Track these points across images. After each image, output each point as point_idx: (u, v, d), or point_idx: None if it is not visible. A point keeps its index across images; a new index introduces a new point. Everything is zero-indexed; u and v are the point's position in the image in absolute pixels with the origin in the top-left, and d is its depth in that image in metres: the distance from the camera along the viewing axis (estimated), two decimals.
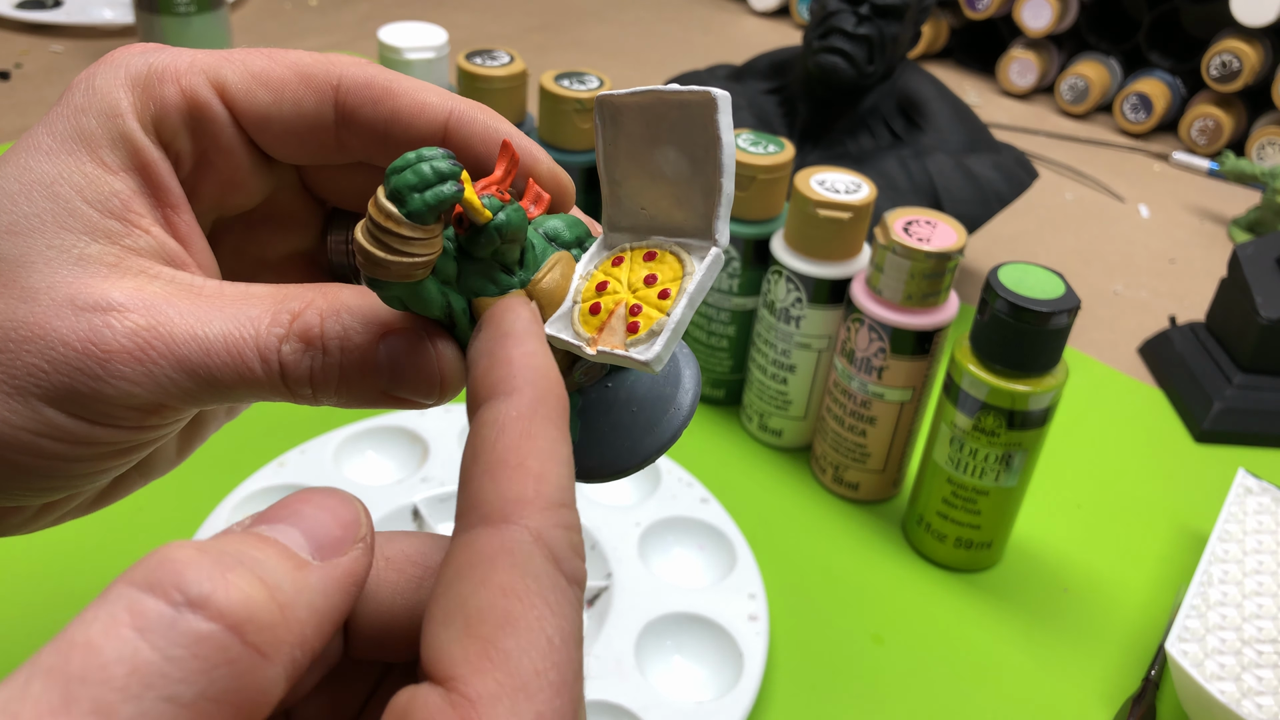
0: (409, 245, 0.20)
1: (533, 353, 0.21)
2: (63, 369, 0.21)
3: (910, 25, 0.68)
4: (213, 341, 0.22)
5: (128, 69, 0.23)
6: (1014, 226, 0.86)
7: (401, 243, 0.20)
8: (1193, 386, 0.66)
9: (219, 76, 0.24)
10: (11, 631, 0.44)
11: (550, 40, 1.14)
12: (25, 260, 0.22)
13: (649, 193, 0.22)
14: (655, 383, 0.24)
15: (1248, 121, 1.05)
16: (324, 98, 0.24)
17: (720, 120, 0.20)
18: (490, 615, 0.18)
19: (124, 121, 0.23)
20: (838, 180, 0.53)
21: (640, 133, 0.22)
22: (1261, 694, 0.43)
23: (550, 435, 0.20)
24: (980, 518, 0.50)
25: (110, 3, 1.04)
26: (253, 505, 0.49)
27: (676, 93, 0.21)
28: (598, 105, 0.22)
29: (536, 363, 0.21)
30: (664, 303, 0.21)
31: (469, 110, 0.24)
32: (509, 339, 0.21)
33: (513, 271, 0.22)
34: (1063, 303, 0.45)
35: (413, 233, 0.20)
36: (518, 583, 0.18)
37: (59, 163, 0.22)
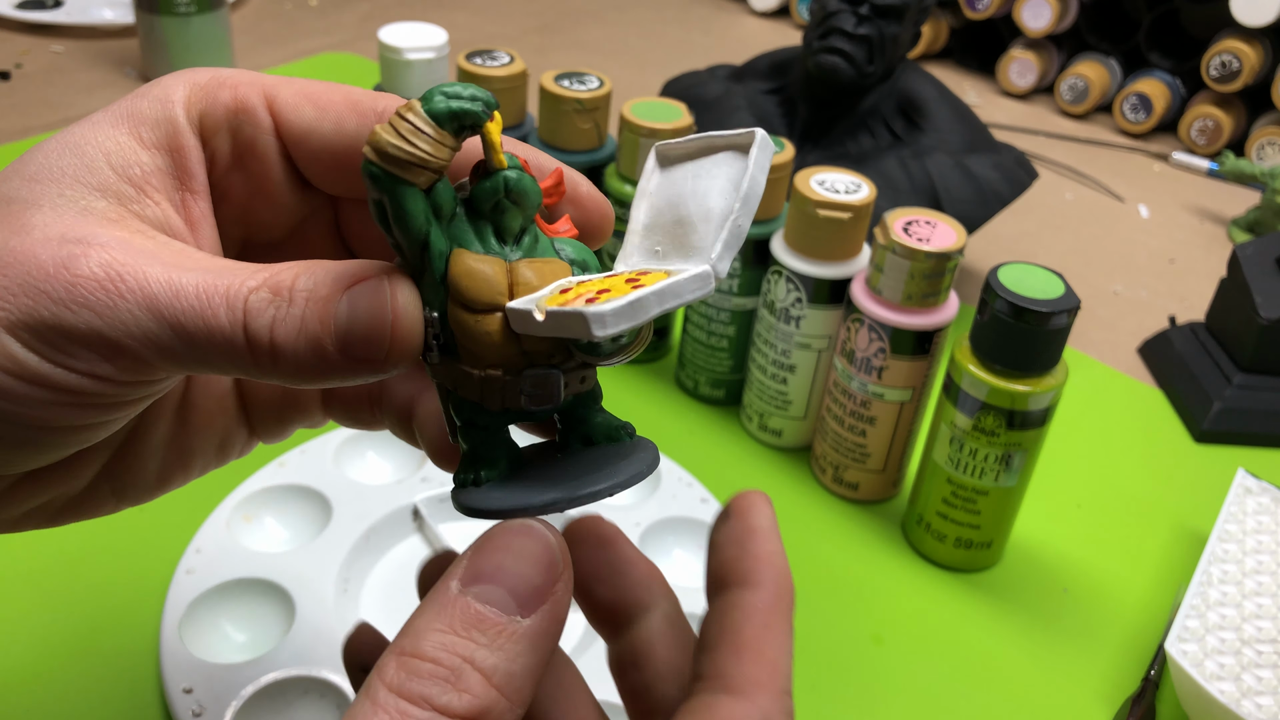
0: (415, 138, 0.20)
1: (776, 553, 0.25)
2: (30, 291, 0.21)
3: (910, 25, 0.68)
4: (184, 286, 0.21)
5: (195, 75, 0.25)
6: (1014, 226, 0.86)
7: (411, 132, 0.20)
8: (1193, 386, 0.66)
9: (273, 90, 0.25)
10: (12, 631, 0.44)
11: (550, 40, 1.14)
12: (34, 202, 0.22)
13: (669, 234, 0.23)
14: (604, 456, 0.24)
15: (1247, 122, 1.05)
16: (365, 123, 0.25)
17: (754, 153, 0.21)
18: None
19: (172, 108, 0.24)
20: (838, 180, 0.53)
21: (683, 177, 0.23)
22: (1261, 694, 0.43)
23: (784, 629, 0.24)
24: (980, 518, 0.50)
25: (110, 3, 1.04)
26: (253, 505, 0.49)
27: (726, 136, 0.22)
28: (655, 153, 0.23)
29: (779, 563, 0.25)
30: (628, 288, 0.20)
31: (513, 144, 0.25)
32: (757, 535, 0.25)
33: (505, 242, 0.22)
34: (1063, 303, 0.45)
35: (425, 126, 0.21)
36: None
37: (99, 130, 0.23)
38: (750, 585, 0.24)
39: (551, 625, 0.21)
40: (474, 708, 0.20)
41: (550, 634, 0.21)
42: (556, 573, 0.21)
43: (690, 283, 0.20)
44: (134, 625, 0.44)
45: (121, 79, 0.93)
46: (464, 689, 0.20)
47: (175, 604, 0.43)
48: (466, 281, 0.22)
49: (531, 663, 0.21)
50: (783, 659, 0.23)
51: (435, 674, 0.20)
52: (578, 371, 0.23)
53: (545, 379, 0.22)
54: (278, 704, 0.41)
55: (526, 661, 0.21)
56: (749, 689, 0.23)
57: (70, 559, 0.47)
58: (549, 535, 0.22)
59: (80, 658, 0.43)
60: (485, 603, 0.21)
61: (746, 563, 0.25)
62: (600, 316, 0.19)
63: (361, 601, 0.46)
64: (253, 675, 0.41)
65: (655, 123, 0.57)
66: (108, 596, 0.46)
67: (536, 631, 0.21)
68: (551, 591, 0.21)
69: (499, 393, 0.22)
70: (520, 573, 0.21)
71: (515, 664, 0.21)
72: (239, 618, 0.44)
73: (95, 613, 0.45)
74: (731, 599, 0.24)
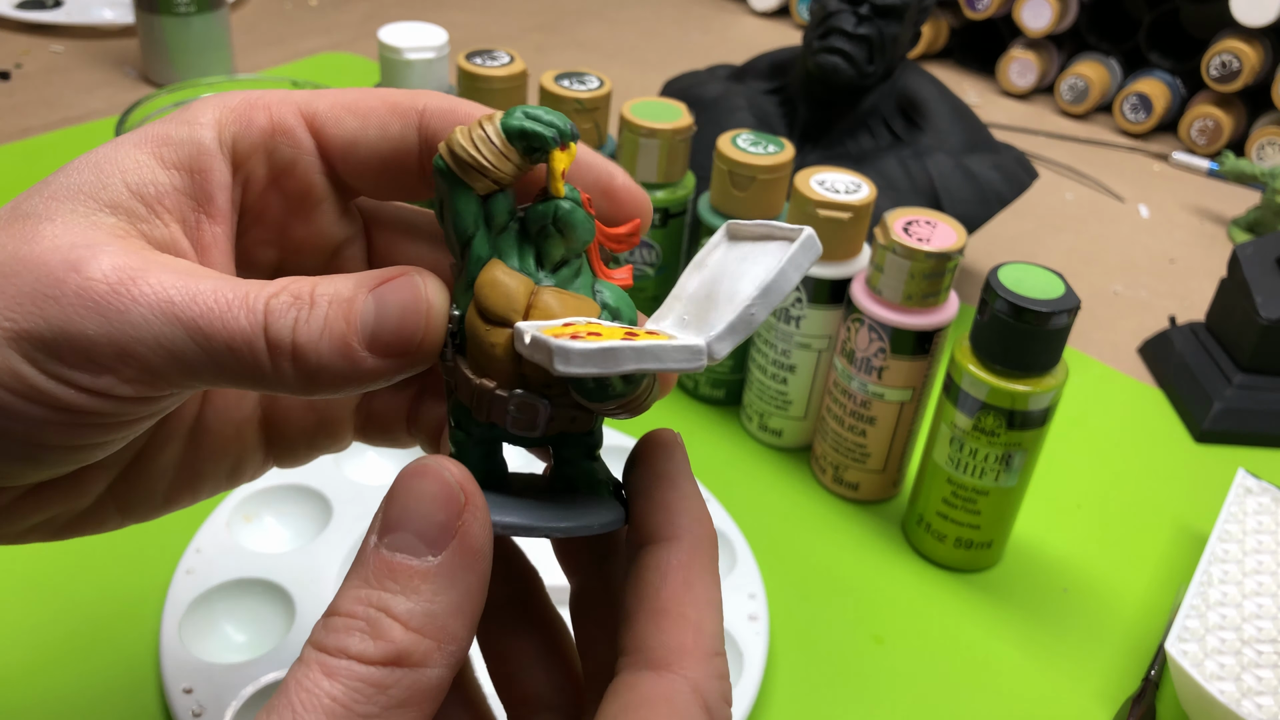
0: (484, 145, 0.22)
1: (688, 495, 0.23)
2: (36, 298, 0.20)
3: (910, 25, 0.68)
4: (201, 291, 0.21)
5: (227, 98, 0.24)
6: (1014, 226, 0.86)
7: (481, 140, 0.22)
8: (1193, 386, 0.66)
9: (310, 107, 0.25)
10: (12, 631, 0.44)
11: (550, 40, 1.14)
12: (47, 215, 0.22)
13: (699, 306, 0.23)
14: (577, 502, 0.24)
15: (1247, 121, 1.05)
16: (409, 123, 0.24)
17: (791, 249, 0.21)
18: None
19: (200, 130, 0.24)
20: (838, 180, 0.53)
21: (736, 257, 0.23)
22: (1261, 694, 0.43)
23: (706, 583, 0.23)
24: (980, 518, 0.50)
25: (110, 3, 1.04)
26: (253, 505, 0.49)
27: (785, 228, 0.22)
28: (725, 229, 0.23)
29: (690, 508, 0.23)
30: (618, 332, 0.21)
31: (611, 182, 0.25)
32: (663, 481, 0.23)
33: (542, 267, 0.23)
34: (1063, 303, 0.45)
35: (494, 138, 0.22)
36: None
37: (121, 148, 0.23)
38: (663, 539, 0.23)
39: (465, 558, 0.21)
40: (389, 652, 0.20)
41: (466, 566, 0.21)
42: (458, 506, 0.21)
43: (677, 351, 0.20)
44: (134, 625, 0.44)
45: (121, 79, 0.93)
46: (379, 636, 0.20)
47: (175, 604, 0.43)
48: (488, 290, 0.22)
49: (453, 599, 0.21)
50: (707, 619, 0.22)
51: (350, 626, 0.20)
52: (569, 410, 0.23)
53: (528, 404, 0.22)
54: None
55: (447, 599, 0.21)
56: (674, 659, 0.22)
57: (71, 559, 0.47)
58: (444, 471, 0.21)
59: (80, 658, 0.43)
60: (396, 550, 0.21)
61: (656, 515, 0.23)
62: (566, 352, 0.19)
63: None
64: (253, 675, 0.41)
65: (655, 123, 0.57)
66: (108, 596, 0.46)
67: (450, 567, 0.21)
68: (457, 525, 0.21)
69: (487, 405, 0.22)
70: (422, 513, 0.21)
71: (434, 603, 0.20)
72: (239, 618, 0.44)
73: (95, 613, 0.45)
74: (645, 559, 0.23)
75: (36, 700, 0.41)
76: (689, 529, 0.23)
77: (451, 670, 0.21)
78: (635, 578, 0.23)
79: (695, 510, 0.23)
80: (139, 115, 0.67)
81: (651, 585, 0.22)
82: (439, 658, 0.21)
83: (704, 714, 0.21)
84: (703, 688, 0.21)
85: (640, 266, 0.60)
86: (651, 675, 0.21)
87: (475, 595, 0.21)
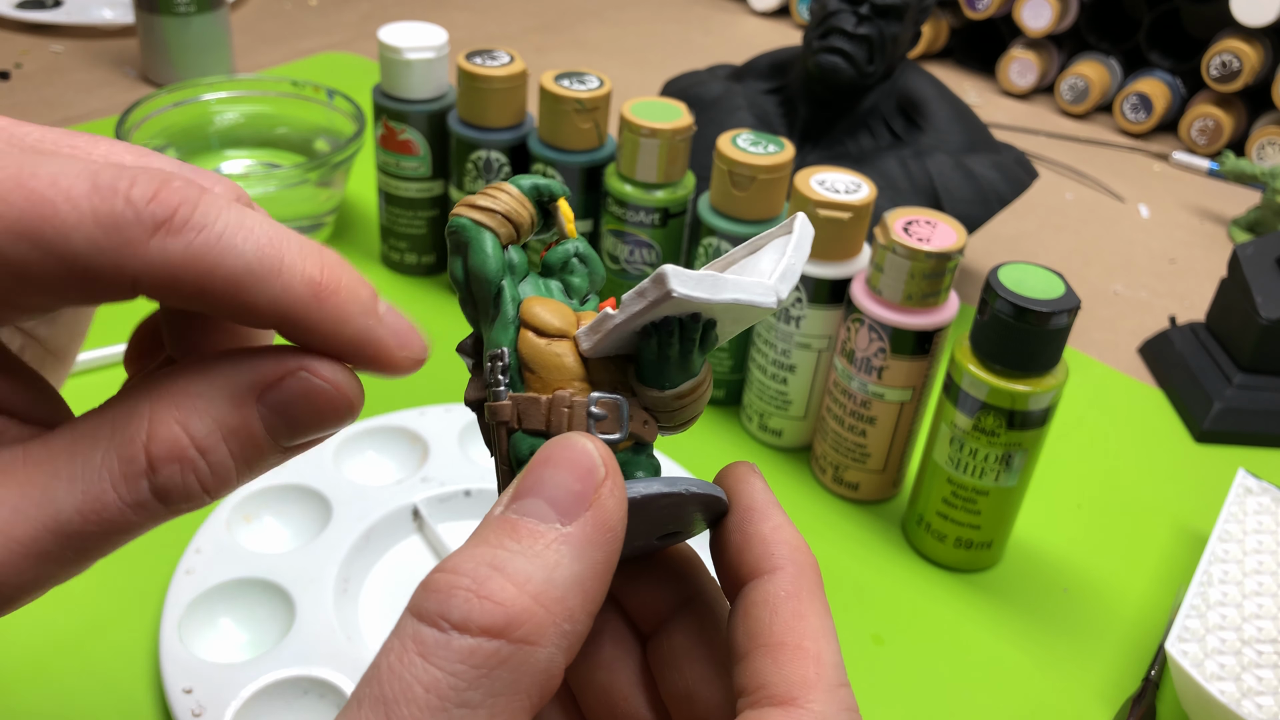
0: (497, 192, 0.24)
1: (780, 526, 0.22)
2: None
3: (910, 25, 0.68)
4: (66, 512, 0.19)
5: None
6: (1014, 226, 0.86)
7: (495, 189, 0.24)
8: (1193, 386, 0.66)
9: None
10: (12, 631, 0.44)
11: (550, 40, 1.14)
12: None
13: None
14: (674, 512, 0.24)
15: (1248, 121, 1.05)
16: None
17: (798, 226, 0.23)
18: None
19: None
20: (838, 180, 0.53)
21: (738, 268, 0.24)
22: (1261, 694, 0.43)
23: (818, 611, 0.21)
24: (980, 518, 0.50)
25: (110, 3, 1.04)
26: (253, 505, 0.49)
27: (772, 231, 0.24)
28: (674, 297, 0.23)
29: (787, 536, 0.22)
30: None
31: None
32: (754, 513, 0.22)
33: (570, 298, 0.25)
34: (1063, 303, 0.45)
35: (510, 189, 0.24)
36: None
37: None
38: (765, 572, 0.22)
39: (597, 532, 0.19)
40: (499, 618, 0.18)
41: (596, 542, 0.19)
42: (598, 478, 0.20)
43: (756, 286, 0.22)
44: (134, 625, 0.44)
45: (121, 79, 0.93)
46: (487, 596, 0.18)
47: (175, 604, 0.43)
48: (541, 309, 0.23)
49: (577, 572, 0.19)
50: (826, 648, 0.21)
51: (455, 585, 0.18)
52: (640, 412, 0.23)
53: (609, 402, 0.23)
54: (277, 704, 0.41)
55: (570, 570, 0.19)
56: (798, 693, 0.20)
57: None
58: (588, 442, 0.20)
59: (80, 658, 0.43)
60: (524, 514, 0.19)
61: (754, 549, 0.22)
62: (678, 274, 0.20)
63: (361, 601, 0.46)
64: (253, 675, 0.41)
65: (655, 123, 0.57)
66: (108, 596, 0.46)
67: (579, 538, 0.19)
68: (595, 496, 0.20)
69: (566, 415, 0.22)
70: (558, 481, 0.20)
71: (556, 572, 0.19)
72: (239, 618, 0.44)
73: (95, 613, 0.45)
74: (750, 595, 0.22)
75: (36, 700, 0.41)
76: (790, 558, 0.22)
77: (565, 658, 0.19)
78: (743, 615, 0.22)
79: (792, 539, 0.22)
80: (139, 115, 0.67)
81: (762, 620, 0.21)
82: (553, 636, 0.18)
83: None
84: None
85: (639, 267, 0.60)
86: (777, 713, 0.20)
87: (601, 575, 0.20)
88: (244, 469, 0.20)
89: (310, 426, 0.21)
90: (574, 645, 0.19)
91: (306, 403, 0.20)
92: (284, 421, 0.20)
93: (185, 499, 0.20)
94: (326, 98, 0.72)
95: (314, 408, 0.20)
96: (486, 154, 0.63)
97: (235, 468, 0.20)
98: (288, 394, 0.20)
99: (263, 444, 0.20)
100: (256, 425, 0.20)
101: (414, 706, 0.17)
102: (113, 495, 0.19)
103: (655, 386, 0.23)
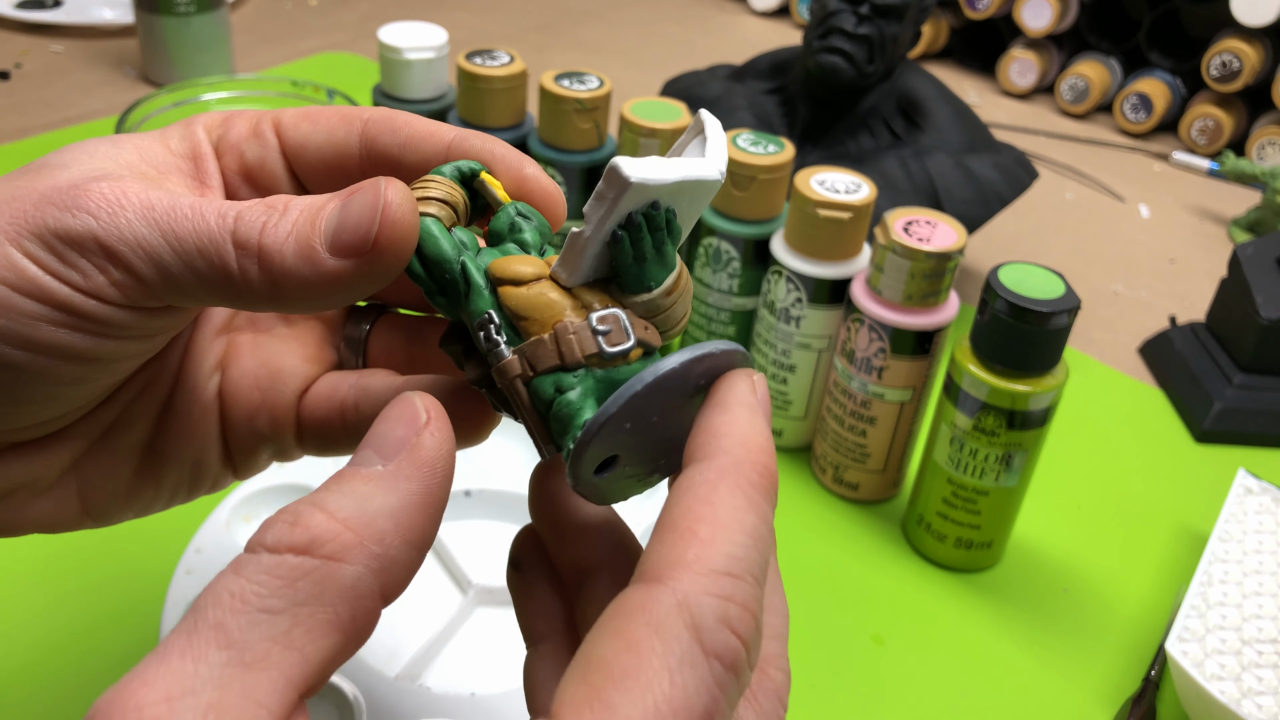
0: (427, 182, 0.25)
1: (735, 419, 0.21)
2: (40, 204, 0.22)
3: (910, 25, 0.68)
4: (182, 201, 0.23)
5: (212, 114, 0.28)
6: (1014, 226, 0.86)
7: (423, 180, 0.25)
8: (1193, 386, 0.66)
9: (278, 115, 0.27)
10: (12, 631, 0.44)
11: (550, 40, 1.14)
12: (64, 165, 0.24)
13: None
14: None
15: (1248, 121, 1.05)
16: (352, 129, 0.27)
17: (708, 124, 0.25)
18: (607, 666, 0.18)
19: (196, 129, 0.27)
20: (838, 180, 0.53)
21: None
22: (1261, 694, 0.43)
23: (734, 504, 0.20)
24: (980, 518, 0.50)
25: (110, 3, 1.04)
26: (253, 505, 0.49)
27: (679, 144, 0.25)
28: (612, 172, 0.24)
29: (735, 429, 0.21)
30: None
31: (468, 134, 0.27)
32: (717, 408, 0.21)
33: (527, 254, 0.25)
34: (1063, 303, 0.45)
35: (432, 178, 0.25)
36: (644, 641, 0.18)
37: (135, 136, 0.26)
38: (696, 460, 0.21)
39: (413, 468, 0.21)
40: (304, 538, 0.19)
41: (411, 476, 0.21)
42: (418, 425, 0.21)
43: (699, 163, 0.23)
44: (134, 625, 0.44)
45: (121, 79, 0.93)
46: (297, 523, 0.20)
47: (175, 604, 0.43)
48: (511, 264, 0.24)
49: (389, 502, 0.20)
50: (723, 535, 0.19)
51: (277, 519, 0.20)
52: (638, 320, 0.24)
53: (608, 316, 0.23)
54: None
55: (382, 500, 0.20)
56: (664, 572, 0.19)
57: (70, 559, 0.47)
58: (415, 397, 0.22)
59: (80, 658, 0.43)
60: (353, 464, 0.21)
61: (697, 438, 0.21)
62: (631, 162, 0.22)
63: None
64: None
65: (655, 123, 0.57)
66: (108, 596, 0.46)
67: (394, 473, 0.21)
68: (413, 440, 0.21)
69: (575, 343, 0.23)
70: (384, 431, 0.21)
71: (368, 503, 0.20)
72: None
73: (95, 613, 0.45)
74: (675, 481, 0.21)
75: (36, 700, 0.41)
76: (726, 449, 0.20)
77: (375, 577, 0.20)
78: (664, 504, 0.21)
79: (740, 433, 0.21)
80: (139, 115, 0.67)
81: (668, 504, 0.20)
82: (359, 555, 0.20)
83: (689, 632, 0.18)
84: (693, 602, 0.18)
85: None
86: (638, 587, 0.19)
87: (418, 506, 0.21)
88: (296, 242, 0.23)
89: (353, 224, 0.23)
90: (388, 568, 0.20)
91: (360, 198, 0.23)
92: (341, 214, 0.23)
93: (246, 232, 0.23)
94: (326, 98, 0.72)
95: (361, 204, 0.23)
96: None
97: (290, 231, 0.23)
98: (356, 193, 0.23)
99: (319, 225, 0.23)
100: (328, 211, 0.23)
101: (219, 609, 0.19)
102: (217, 205, 0.23)
103: (642, 290, 0.24)
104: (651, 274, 0.24)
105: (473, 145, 0.26)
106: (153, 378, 0.28)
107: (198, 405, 0.29)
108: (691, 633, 0.18)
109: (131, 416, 0.28)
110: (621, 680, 0.18)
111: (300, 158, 0.27)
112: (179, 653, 0.18)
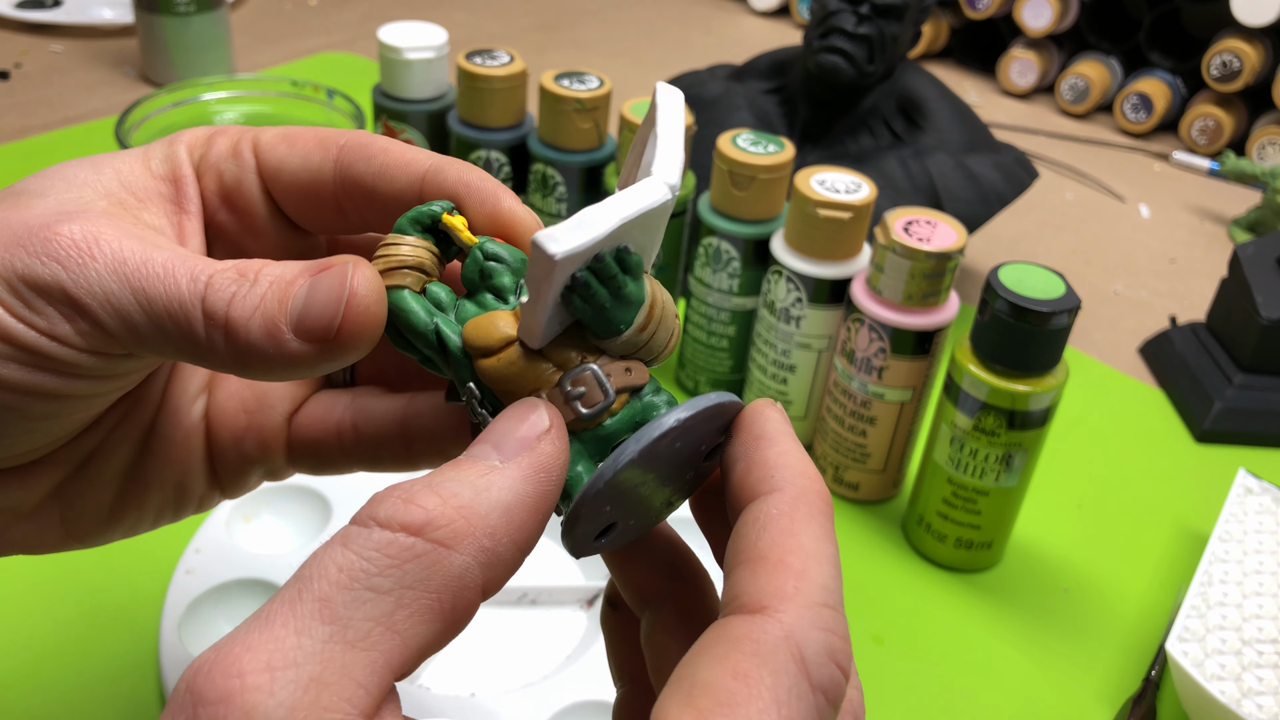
0: (388, 249, 0.24)
1: (787, 451, 0.22)
2: (10, 246, 0.22)
3: (910, 25, 0.68)
4: (155, 259, 0.22)
5: (199, 130, 0.27)
6: (1014, 226, 0.86)
7: (387, 247, 0.24)
8: (1193, 386, 0.66)
9: (258, 135, 0.27)
10: (12, 632, 0.44)
11: (550, 40, 1.14)
12: (42, 193, 0.24)
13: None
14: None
15: (1248, 121, 1.05)
16: (328, 154, 0.26)
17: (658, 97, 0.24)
18: (715, 693, 0.18)
19: (176, 149, 0.27)
20: (838, 180, 0.53)
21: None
22: (1262, 694, 0.43)
23: (814, 533, 0.20)
24: (980, 518, 0.50)
25: (110, 3, 1.04)
26: (253, 505, 0.49)
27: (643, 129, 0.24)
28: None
29: (792, 461, 0.22)
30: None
31: (443, 164, 0.26)
32: (763, 441, 0.22)
33: (505, 300, 0.24)
34: (1063, 303, 0.45)
35: (394, 238, 0.24)
36: (752, 670, 0.18)
37: (117, 157, 0.26)
38: (763, 493, 0.21)
39: (531, 470, 0.21)
40: (419, 517, 0.19)
41: (529, 478, 0.21)
42: (539, 429, 0.21)
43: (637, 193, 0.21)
44: (134, 625, 0.44)
45: (121, 79, 0.93)
46: (412, 501, 0.19)
47: (175, 604, 0.43)
48: (474, 333, 0.23)
49: (505, 498, 0.20)
50: (814, 567, 0.20)
51: (390, 495, 0.20)
52: (619, 364, 0.23)
53: (580, 377, 0.23)
54: None
55: (498, 495, 0.20)
56: (768, 603, 0.19)
57: (70, 559, 0.47)
58: (540, 403, 0.22)
59: (79, 658, 0.43)
60: (469, 455, 0.21)
61: (755, 472, 0.22)
62: (550, 235, 0.20)
63: None
64: None
65: None
66: (107, 596, 0.46)
67: (512, 472, 0.20)
68: (533, 443, 0.21)
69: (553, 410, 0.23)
70: (505, 429, 0.21)
71: (484, 495, 0.20)
72: (239, 618, 0.44)
73: (95, 613, 0.45)
74: (745, 516, 0.21)
75: (35, 700, 0.41)
76: (791, 480, 0.21)
77: (481, 570, 0.20)
78: (734, 536, 0.21)
79: (797, 464, 0.22)
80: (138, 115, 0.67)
81: (749, 538, 0.21)
82: (469, 545, 0.19)
83: (796, 665, 0.19)
84: (800, 635, 0.19)
85: None
86: (742, 620, 0.19)
87: (531, 509, 0.20)
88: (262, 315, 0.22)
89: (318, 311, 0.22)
90: (493, 564, 0.20)
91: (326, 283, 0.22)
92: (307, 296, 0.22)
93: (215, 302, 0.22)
94: (326, 97, 0.72)
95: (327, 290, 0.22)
96: (486, 154, 0.63)
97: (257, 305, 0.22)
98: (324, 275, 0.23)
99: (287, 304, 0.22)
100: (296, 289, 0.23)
101: (324, 582, 0.18)
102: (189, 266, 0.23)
103: (613, 335, 0.23)
104: (617, 318, 0.22)
105: (448, 176, 0.25)
106: (135, 404, 0.28)
107: (182, 430, 0.29)
108: (799, 666, 0.19)
109: (113, 443, 0.28)
110: (731, 708, 0.18)
111: (276, 180, 0.27)
112: (282, 622, 0.18)
